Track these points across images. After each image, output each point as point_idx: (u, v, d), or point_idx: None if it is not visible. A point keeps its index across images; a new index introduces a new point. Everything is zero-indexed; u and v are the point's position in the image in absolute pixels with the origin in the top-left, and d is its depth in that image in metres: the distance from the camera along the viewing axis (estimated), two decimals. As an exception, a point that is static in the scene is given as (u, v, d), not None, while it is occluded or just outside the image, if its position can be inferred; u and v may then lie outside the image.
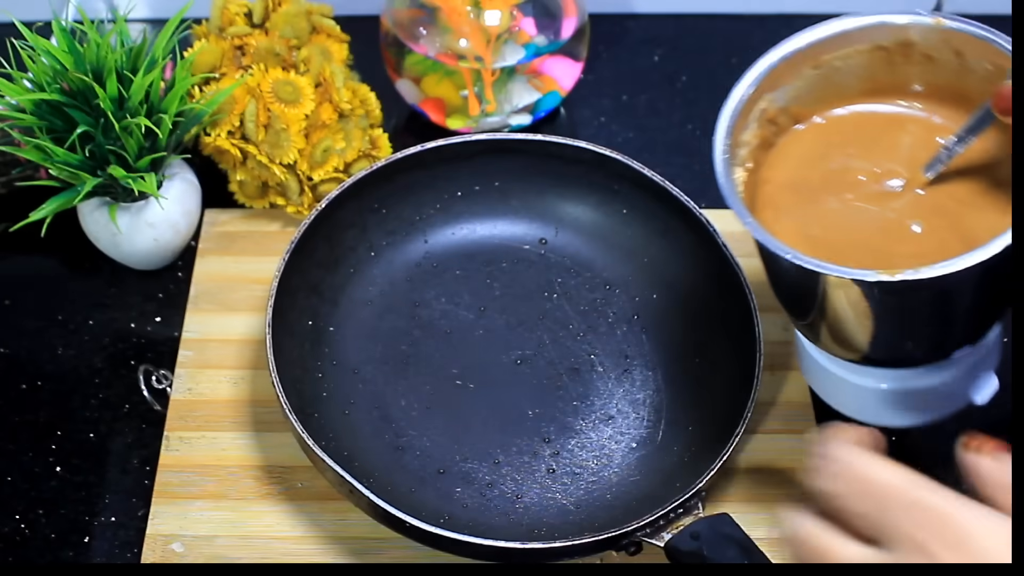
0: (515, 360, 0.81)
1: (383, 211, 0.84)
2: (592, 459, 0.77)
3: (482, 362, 0.81)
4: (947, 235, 0.63)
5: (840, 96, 0.69)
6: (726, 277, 0.78)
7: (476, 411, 0.79)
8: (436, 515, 0.71)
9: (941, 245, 0.62)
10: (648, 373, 0.81)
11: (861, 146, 0.67)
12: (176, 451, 0.77)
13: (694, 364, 0.80)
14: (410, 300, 0.84)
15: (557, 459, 0.77)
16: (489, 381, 0.80)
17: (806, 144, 0.68)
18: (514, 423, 0.78)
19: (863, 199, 0.65)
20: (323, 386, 0.78)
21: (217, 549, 0.73)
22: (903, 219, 0.64)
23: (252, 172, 0.87)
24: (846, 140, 0.68)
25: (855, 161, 0.67)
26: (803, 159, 0.68)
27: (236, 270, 0.87)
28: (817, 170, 0.67)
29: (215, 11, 0.90)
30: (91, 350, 0.84)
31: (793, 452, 0.78)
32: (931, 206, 0.64)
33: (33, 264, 0.89)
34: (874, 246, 0.63)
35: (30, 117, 0.78)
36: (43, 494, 0.76)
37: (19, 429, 0.79)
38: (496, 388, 0.80)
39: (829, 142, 0.68)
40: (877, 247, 0.63)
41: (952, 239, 0.62)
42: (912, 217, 0.64)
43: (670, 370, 0.81)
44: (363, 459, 0.74)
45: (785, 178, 0.67)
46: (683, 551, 0.66)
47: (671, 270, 0.83)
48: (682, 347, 0.81)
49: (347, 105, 0.87)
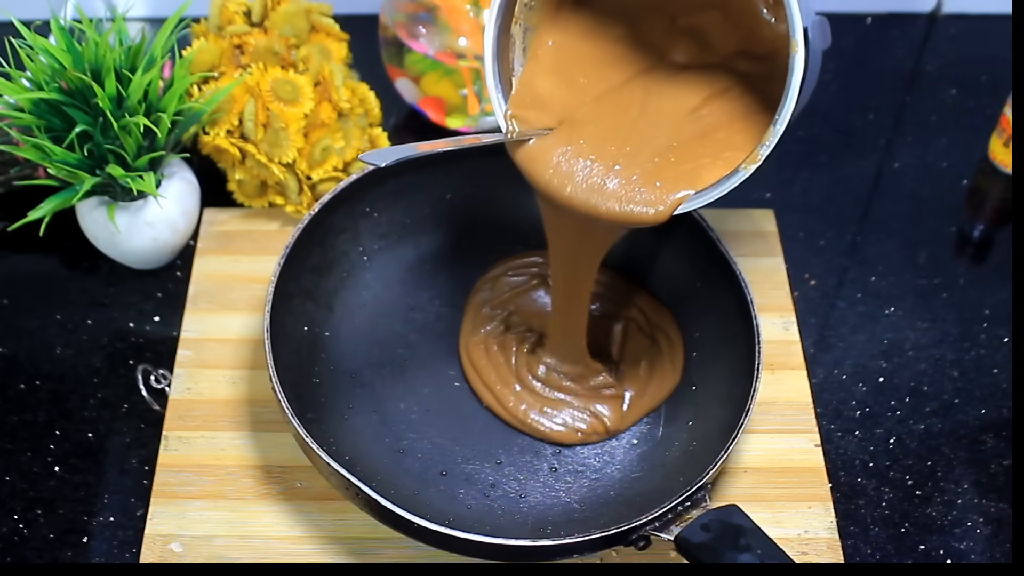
0: (514, 360, 0.81)
1: (375, 215, 0.84)
2: (594, 456, 0.77)
3: (481, 362, 0.81)
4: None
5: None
6: (724, 276, 0.78)
7: (476, 412, 0.79)
8: (441, 516, 0.70)
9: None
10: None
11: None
12: (175, 451, 0.77)
13: (693, 362, 0.80)
14: (405, 303, 0.84)
15: (559, 457, 0.77)
16: (488, 381, 0.80)
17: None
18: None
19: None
20: (321, 391, 0.78)
21: (216, 549, 0.73)
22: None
23: (251, 171, 0.87)
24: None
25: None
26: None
27: (235, 269, 0.87)
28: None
29: (214, 10, 0.90)
30: (90, 349, 0.84)
31: (793, 452, 0.78)
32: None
33: (31, 263, 0.89)
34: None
35: (28, 116, 0.77)
36: (42, 494, 0.76)
37: (18, 429, 0.79)
38: (496, 388, 0.80)
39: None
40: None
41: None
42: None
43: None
44: (365, 463, 0.74)
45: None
46: (694, 543, 0.65)
47: (668, 269, 0.83)
48: (680, 345, 0.81)
49: (346, 104, 0.87)
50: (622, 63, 0.72)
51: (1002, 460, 0.78)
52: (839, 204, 0.93)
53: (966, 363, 0.83)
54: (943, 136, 0.98)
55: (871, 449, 0.78)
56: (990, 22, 1.07)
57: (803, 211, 0.92)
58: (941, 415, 0.80)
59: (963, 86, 1.02)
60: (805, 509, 0.75)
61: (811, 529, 0.74)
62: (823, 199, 0.93)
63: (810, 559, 0.73)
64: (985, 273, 0.89)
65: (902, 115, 1.00)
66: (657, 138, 0.69)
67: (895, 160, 0.97)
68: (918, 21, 1.08)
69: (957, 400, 0.81)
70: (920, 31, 1.08)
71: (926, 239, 0.91)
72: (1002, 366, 0.83)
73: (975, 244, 0.92)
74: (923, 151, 0.97)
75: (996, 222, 0.93)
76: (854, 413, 0.80)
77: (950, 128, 0.99)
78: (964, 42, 1.06)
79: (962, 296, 0.87)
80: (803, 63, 0.61)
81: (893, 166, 0.96)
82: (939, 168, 0.96)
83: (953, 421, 0.80)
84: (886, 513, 0.75)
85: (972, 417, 0.80)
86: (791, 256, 0.89)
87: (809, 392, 0.81)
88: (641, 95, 0.71)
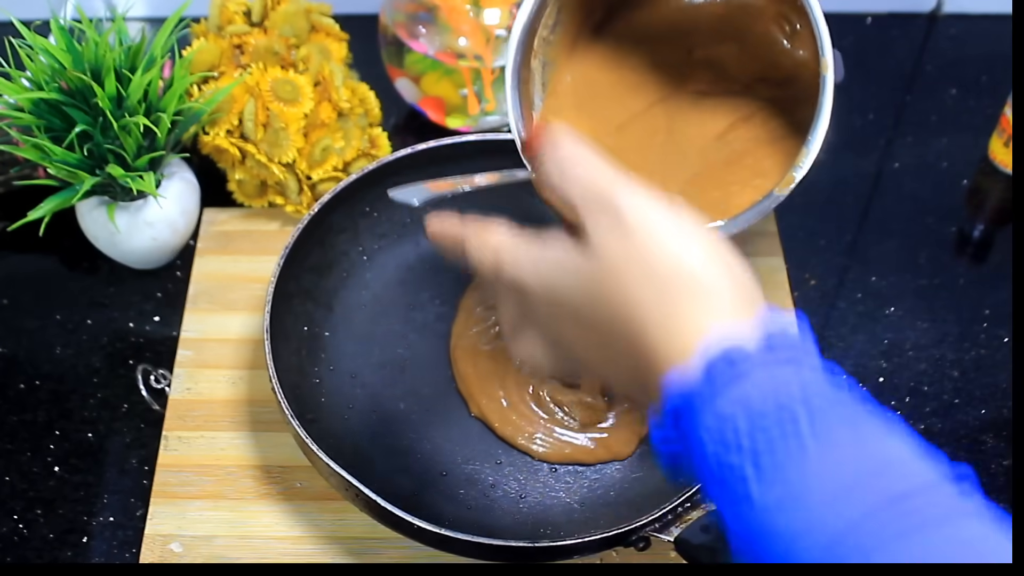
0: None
1: (375, 214, 0.84)
2: (593, 457, 0.77)
3: (481, 362, 0.81)
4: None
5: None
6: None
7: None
8: (441, 517, 0.70)
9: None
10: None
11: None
12: (175, 451, 0.77)
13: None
14: (404, 303, 0.84)
15: (558, 459, 0.77)
16: (488, 381, 0.80)
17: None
18: (514, 423, 0.78)
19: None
20: (321, 391, 0.78)
21: (215, 549, 0.73)
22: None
23: (251, 171, 0.87)
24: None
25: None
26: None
27: (235, 269, 0.87)
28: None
29: (214, 9, 0.90)
30: (89, 349, 0.84)
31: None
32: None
33: (31, 263, 0.89)
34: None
35: (28, 116, 0.77)
36: (41, 494, 0.76)
37: (17, 429, 0.79)
38: (495, 388, 0.80)
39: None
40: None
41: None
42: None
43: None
44: (365, 463, 0.74)
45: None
46: (694, 544, 0.65)
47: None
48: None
49: (346, 104, 0.87)
50: (643, 89, 0.71)
51: (1002, 460, 0.78)
52: (839, 204, 0.93)
53: (966, 363, 0.83)
54: (943, 136, 0.98)
55: (871, 449, 0.78)
56: (990, 22, 1.07)
57: (803, 211, 0.92)
58: (941, 415, 0.80)
59: (963, 86, 1.02)
60: (805, 509, 0.75)
61: (811, 529, 0.74)
62: (823, 199, 0.93)
63: (810, 559, 0.72)
64: (985, 273, 0.89)
65: (902, 115, 1.00)
66: (685, 166, 0.68)
67: (895, 160, 0.97)
68: (918, 21, 1.08)
69: (957, 400, 0.81)
70: (920, 31, 1.07)
71: (926, 239, 0.91)
72: (1002, 366, 0.83)
73: (975, 244, 0.92)
74: (923, 151, 0.97)
75: (996, 222, 0.93)
76: (854, 413, 0.80)
77: (950, 128, 0.99)
78: (964, 42, 1.06)
79: (962, 296, 0.87)
80: (833, 82, 0.61)
81: (893, 166, 0.96)
82: (939, 168, 0.96)
83: (953, 421, 0.80)
84: (886, 513, 0.75)
85: (972, 417, 0.80)
86: (791, 256, 0.89)
87: (809, 392, 0.81)
88: (665, 122, 0.70)
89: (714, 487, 0.43)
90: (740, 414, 0.42)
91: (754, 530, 0.41)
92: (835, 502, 0.40)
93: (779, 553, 0.40)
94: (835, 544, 0.39)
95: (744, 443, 0.42)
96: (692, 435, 0.44)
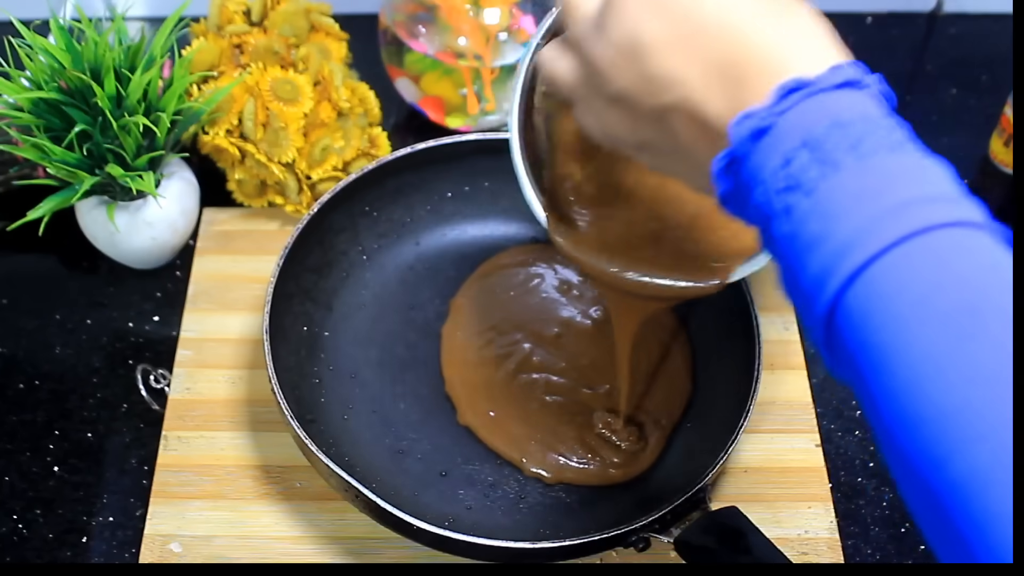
0: (514, 360, 0.81)
1: (374, 214, 0.84)
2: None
3: (481, 362, 0.81)
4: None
5: None
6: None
7: (476, 412, 0.79)
8: (441, 517, 0.70)
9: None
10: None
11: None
12: (174, 451, 0.77)
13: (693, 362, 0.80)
14: (404, 303, 0.84)
15: (557, 459, 0.77)
16: (488, 381, 0.80)
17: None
18: (514, 423, 0.78)
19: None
20: (321, 391, 0.78)
21: (215, 549, 0.73)
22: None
23: (250, 171, 0.87)
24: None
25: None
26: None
27: (234, 269, 0.87)
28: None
29: (213, 9, 0.90)
30: (89, 349, 0.84)
31: (793, 452, 0.78)
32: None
33: (31, 263, 0.89)
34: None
35: (28, 116, 0.77)
36: (41, 494, 0.76)
37: (17, 429, 0.79)
38: (495, 388, 0.80)
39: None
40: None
41: None
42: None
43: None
44: (365, 464, 0.74)
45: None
46: (694, 545, 0.65)
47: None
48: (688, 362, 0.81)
49: (346, 104, 0.87)
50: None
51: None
52: (839, 204, 0.93)
53: (966, 363, 0.83)
54: (943, 136, 0.98)
55: (871, 449, 0.78)
56: (990, 22, 1.07)
57: (803, 211, 0.92)
58: (941, 415, 0.80)
59: (963, 86, 1.02)
60: (805, 509, 0.75)
61: (811, 529, 0.74)
62: (823, 199, 0.93)
63: (810, 559, 0.72)
64: (985, 273, 0.89)
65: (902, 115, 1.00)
66: (686, 205, 0.68)
67: (895, 160, 0.97)
68: (918, 21, 1.08)
69: (957, 400, 0.81)
70: (920, 31, 1.07)
71: (926, 239, 0.91)
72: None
73: (975, 244, 0.92)
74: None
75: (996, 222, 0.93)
76: (854, 413, 0.80)
77: (950, 128, 0.99)
78: (964, 42, 1.06)
79: (962, 296, 0.87)
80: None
81: (893, 166, 0.96)
82: (939, 168, 0.96)
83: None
84: (886, 513, 0.75)
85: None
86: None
87: (809, 392, 0.81)
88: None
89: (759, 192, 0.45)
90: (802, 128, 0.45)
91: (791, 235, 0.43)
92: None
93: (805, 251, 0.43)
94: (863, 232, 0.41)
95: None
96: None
